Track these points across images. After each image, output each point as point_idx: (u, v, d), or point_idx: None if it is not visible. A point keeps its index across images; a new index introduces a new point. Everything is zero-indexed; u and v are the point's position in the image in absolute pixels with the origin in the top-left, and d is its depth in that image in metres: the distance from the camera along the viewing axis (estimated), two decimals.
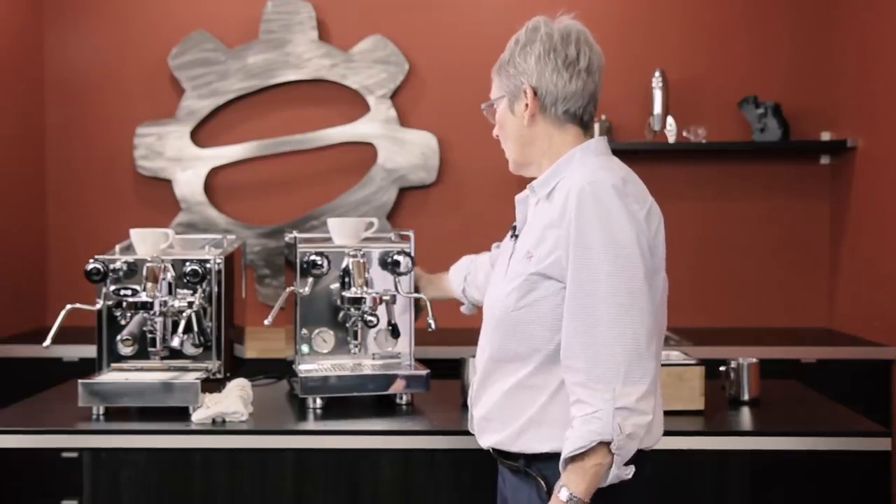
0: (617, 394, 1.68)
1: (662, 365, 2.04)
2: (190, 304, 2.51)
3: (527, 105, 1.88)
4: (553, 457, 1.77)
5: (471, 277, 2.50)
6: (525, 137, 1.92)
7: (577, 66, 1.86)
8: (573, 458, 1.70)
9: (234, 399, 2.39)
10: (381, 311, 2.55)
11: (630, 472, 1.72)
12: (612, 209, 1.74)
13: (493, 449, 1.91)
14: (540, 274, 1.79)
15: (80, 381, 2.42)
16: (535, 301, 1.80)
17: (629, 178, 1.82)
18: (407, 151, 4.24)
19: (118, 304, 2.50)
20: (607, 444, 1.68)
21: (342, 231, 2.65)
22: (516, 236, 1.94)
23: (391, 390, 2.53)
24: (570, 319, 1.74)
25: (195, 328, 2.53)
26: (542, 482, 1.80)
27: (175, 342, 2.46)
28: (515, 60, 1.90)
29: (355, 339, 2.58)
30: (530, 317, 1.80)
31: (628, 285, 1.71)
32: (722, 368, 2.61)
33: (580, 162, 1.86)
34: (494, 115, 1.98)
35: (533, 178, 1.96)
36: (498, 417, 1.87)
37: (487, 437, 1.91)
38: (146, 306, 2.46)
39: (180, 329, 2.47)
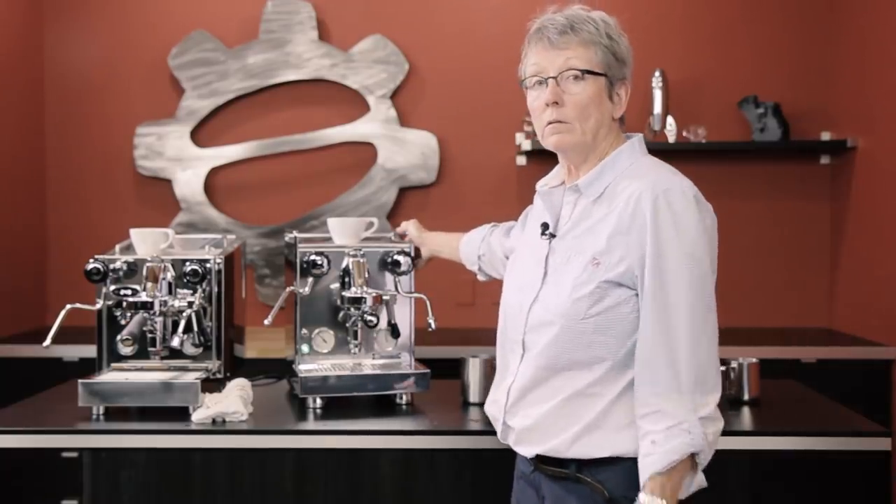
0: (697, 404, 1.68)
1: None
2: (190, 304, 2.51)
3: (619, 96, 1.85)
4: (608, 461, 1.74)
5: (486, 258, 2.45)
6: (606, 127, 1.85)
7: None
8: (658, 473, 1.67)
9: (234, 399, 2.39)
10: (381, 311, 2.55)
11: (703, 479, 1.72)
12: (688, 221, 1.72)
13: (539, 456, 1.83)
14: (611, 282, 1.74)
15: (80, 380, 2.41)
16: (607, 309, 1.74)
17: (694, 186, 1.79)
18: (407, 151, 4.24)
19: (118, 304, 2.50)
20: (691, 454, 1.67)
21: (342, 231, 2.65)
22: (553, 235, 1.86)
23: (398, 390, 2.53)
24: (650, 333, 1.71)
25: (195, 328, 2.53)
26: (601, 487, 1.74)
27: (175, 342, 2.46)
28: (622, 49, 1.83)
29: (355, 339, 2.58)
30: (601, 325, 1.75)
31: (704, 299, 1.72)
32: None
33: (629, 162, 1.83)
34: (568, 83, 1.82)
35: (546, 173, 1.94)
36: (549, 426, 1.80)
37: (534, 447, 1.83)
38: (146, 306, 2.46)
39: (180, 329, 2.46)
